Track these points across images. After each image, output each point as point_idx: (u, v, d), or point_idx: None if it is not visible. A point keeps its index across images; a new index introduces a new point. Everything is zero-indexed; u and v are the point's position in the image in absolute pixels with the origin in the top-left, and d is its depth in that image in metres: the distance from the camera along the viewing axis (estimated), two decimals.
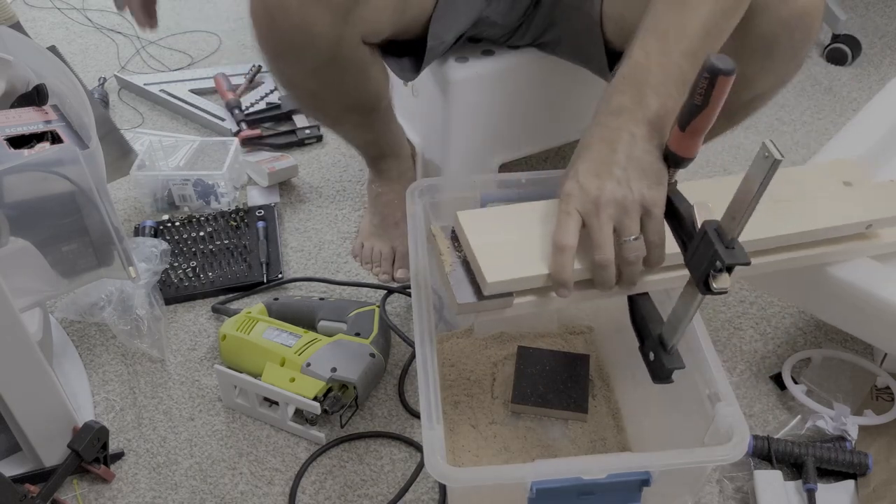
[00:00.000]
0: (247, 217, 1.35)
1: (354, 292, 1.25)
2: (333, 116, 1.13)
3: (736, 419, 0.74)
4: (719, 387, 0.77)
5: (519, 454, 0.99)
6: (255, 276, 1.26)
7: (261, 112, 1.60)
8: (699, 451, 0.75)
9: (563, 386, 1.05)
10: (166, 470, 1.01)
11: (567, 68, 1.24)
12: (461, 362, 1.10)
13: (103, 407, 1.09)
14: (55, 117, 0.97)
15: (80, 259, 0.91)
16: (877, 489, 0.94)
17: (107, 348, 1.16)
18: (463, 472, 0.72)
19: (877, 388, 1.06)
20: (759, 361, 1.12)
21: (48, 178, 0.86)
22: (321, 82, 1.02)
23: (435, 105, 1.25)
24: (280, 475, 1.00)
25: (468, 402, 1.05)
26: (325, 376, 1.02)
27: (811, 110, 1.62)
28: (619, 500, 0.75)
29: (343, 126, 1.17)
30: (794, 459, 0.96)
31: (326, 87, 1.03)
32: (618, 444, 1.00)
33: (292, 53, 0.97)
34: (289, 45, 0.96)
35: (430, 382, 0.77)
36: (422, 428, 0.73)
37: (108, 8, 2.02)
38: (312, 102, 1.10)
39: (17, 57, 1.00)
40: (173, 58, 1.81)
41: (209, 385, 1.11)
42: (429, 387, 0.77)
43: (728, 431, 0.74)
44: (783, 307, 1.20)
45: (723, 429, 0.75)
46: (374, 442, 1.04)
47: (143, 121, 1.63)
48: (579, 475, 0.72)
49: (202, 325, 1.20)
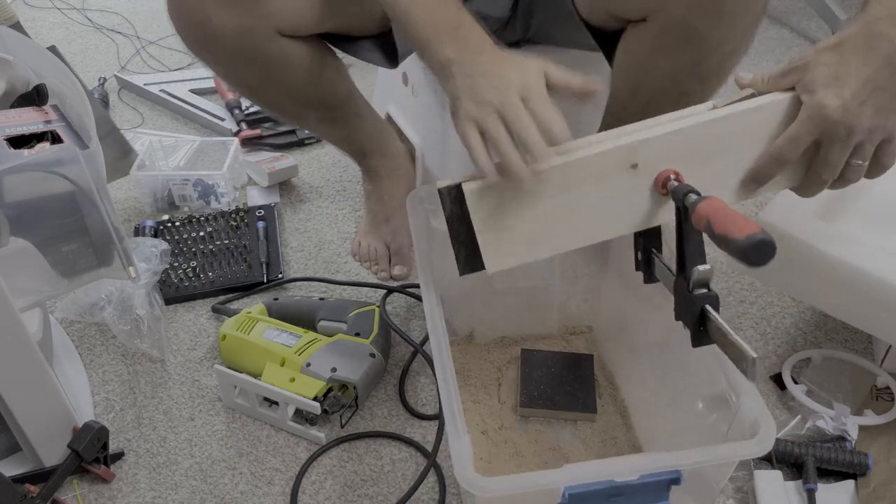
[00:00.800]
0: (247, 217, 1.35)
1: (354, 292, 1.25)
2: (289, 112, 1.14)
3: (761, 413, 0.73)
4: (740, 381, 0.77)
5: (532, 458, 0.99)
6: (255, 276, 1.26)
7: (261, 112, 1.60)
8: (727, 447, 0.75)
9: (570, 387, 1.05)
10: (166, 470, 1.01)
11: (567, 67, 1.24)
12: (465, 368, 1.10)
13: (103, 407, 1.09)
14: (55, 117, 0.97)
15: (80, 259, 0.91)
16: (877, 489, 0.94)
17: (107, 348, 1.17)
18: (495, 482, 0.70)
19: (877, 388, 1.06)
20: (759, 361, 1.12)
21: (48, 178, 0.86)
22: (249, 75, 1.04)
23: (435, 105, 1.25)
24: (280, 475, 1.00)
25: (476, 408, 1.05)
26: (325, 376, 1.02)
27: None
28: (648, 500, 0.75)
29: (306, 122, 1.19)
30: (794, 459, 0.96)
31: (259, 80, 1.05)
32: (628, 442, 1.00)
33: (205, 47, 1.00)
34: (197, 40, 0.99)
35: (451, 393, 0.76)
36: (448, 439, 0.73)
37: (108, 8, 2.03)
38: (254, 96, 1.13)
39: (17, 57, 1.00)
40: (173, 58, 1.82)
41: (209, 385, 1.11)
42: (451, 397, 0.76)
43: (753, 426, 0.73)
44: (783, 307, 1.20)
45: (747, 423, 0.74)
46: (374, 442, 1.04)
47: (143, 121, 1.63)
48: (612, 477, 0.71)
49: (202, 325, 1.20)
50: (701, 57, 0.92)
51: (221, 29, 0.96)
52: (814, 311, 1.19)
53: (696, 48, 0.92)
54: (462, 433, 0.73)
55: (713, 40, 0.91)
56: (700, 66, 0.94)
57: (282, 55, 1.01)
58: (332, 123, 1.15)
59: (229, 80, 1.10)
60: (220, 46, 0.98)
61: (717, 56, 0.94)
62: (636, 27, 0.95)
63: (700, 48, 0.92)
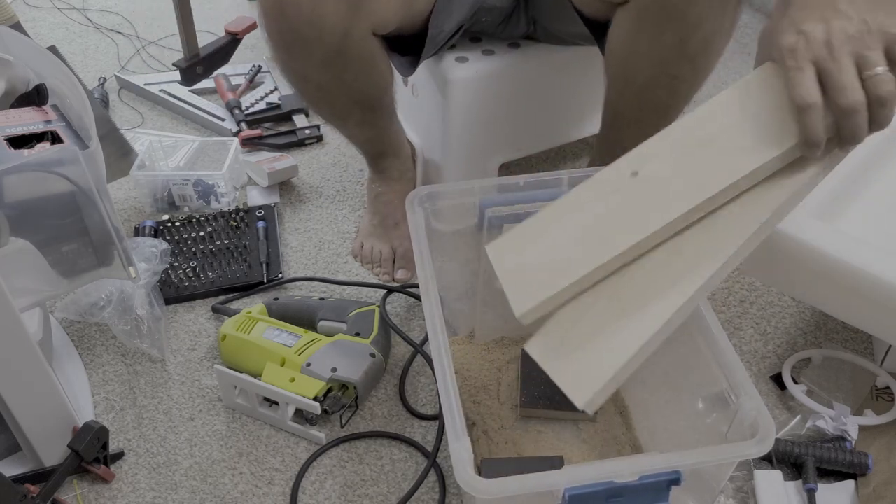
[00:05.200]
0: (247, 217, 1.35)
1: (354, 292, 1.25)
2: (339, 111, 1.13)
3: (760, 413, 0.74)
4: (740, 381, 0.77)
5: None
6: (255, 276, 1.26)
7: (261, 112, 1.60)
8: (726, 447, 0.75)
9: None
10: (166, 470, 1.01)
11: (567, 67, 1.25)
12: (465, 369, 1.10)
13: (103, 407, 1.09)
14: (55, 117, 0.97)
15: (80, 259, 0.91)
16: (877, 489, 0.94)
17: (107, 348, 1.16)
18: (494, 484, 0.70)
19: (877, 388, 1.06)
20: (759, 361, 1.12)
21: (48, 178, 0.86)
22: (329, 75, 1.03)
23: (435, 105, 1.25)
24: (280, 475, 1.00)
25: (476, 409, 1.05)
26: (325, 376, 1.02)
27: None
28: (648, 500, 0.75)
29: (347, 122, 1.17)
30: (794, 459, 0.96)
31: (334, 80, 1.04)
32: (629, 442, 1.00)
33: (302, 46, 0.98)
34: (298, 37, 0.97)
35: (451, 394, 0.76)
36: (448, 439, 0.73)
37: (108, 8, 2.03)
38: (319, 96, 1.11)
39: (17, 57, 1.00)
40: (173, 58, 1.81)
41: (209, 385, 1.11)
42: (450, 398, 0.76)
43: (752, 426, 0.74)
44: (783, 307, 1.20)
45: (746, 423, 0.75)
46: (374, 442, 1.04)
47: (143, 121, 1.63)
48: (612, 478, 0.71)
49: (202, 325, 1.20)
50: (685, 35, 0.94)
51: (329, 28, 0.94)
52: (814, 311, 1.19)
53: (677, 27, 0.93)
54: (462, 433, 0.73)
55: (692, 17, 0.92)
56: (685, 45, 0.95)
57: (369, 55, 1.01)
58: (370, 123, 1.16)
59: (304, 80, 1.06)
60: (322, 45, 0.97)
61: (699, 34, 0.95)
62: (620, 12, 0.97)
63: (681, 26, 0.93)
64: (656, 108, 1.06)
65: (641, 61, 0.99)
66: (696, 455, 0.72)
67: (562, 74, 1.26)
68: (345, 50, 0.98)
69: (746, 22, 1.90)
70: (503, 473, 0.72)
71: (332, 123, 1.21)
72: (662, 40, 0.95)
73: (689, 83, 1.03)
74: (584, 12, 1.06)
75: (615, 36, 1.01)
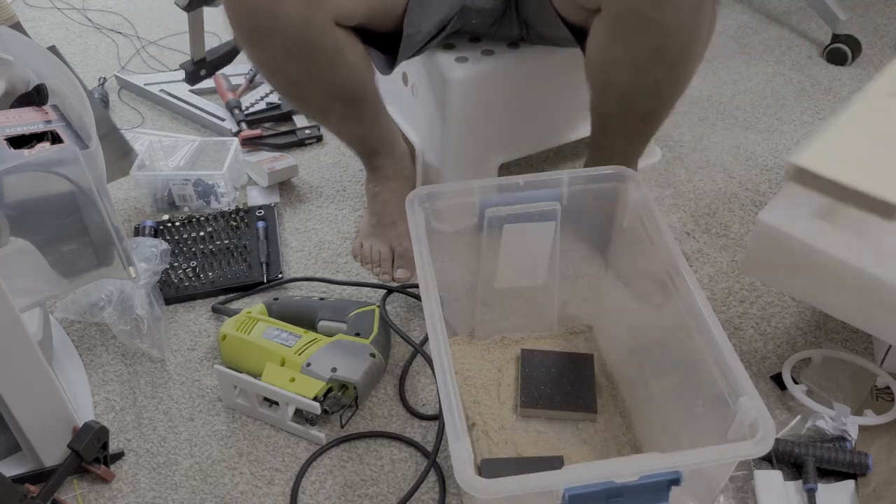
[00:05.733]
0: (247, 217, 1.35)
1: (354, 292, 1.25)
2: (317, 105, 1.14)
3: (760, 413, 0.74)
4: (740, 381, 0.77)
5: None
6: (255, 276, 1.26)
7: (261, 112, 1.60)
8: (726, 447, 0.75)
9: (571, 387, 1.05)
10: (166, 470, 1.01)
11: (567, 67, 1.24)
12: (465, 368, 1.10)
13: (103, 407, 1.09)
14: (55, 117, 0.97)
15: (80, 259, 0.91)
16: (877, 489, 0.94)
17: (107, 348, 1.17)
18: (494, 484, 0.70)
19: (877, 388, 1.06)
20: (759, 361, 1.12)
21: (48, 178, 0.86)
22: (299, 67, 1.03)
23: (434, 105, 1.25)
24: (280, 475, 1.00)
25: (476, 408, 1.05)
26: (325, 376, 1.02)
27: (811, 110, 1.62)
28: (648, 500, 0.74)
29: (329, 117, 1.18)
30: (794, 459, 0.96)
31: (304, 72, 1.04)
32: (629, 442, 1.00)
33: (262, 36, 0.99)
34: (258, 27, 0.98)
35: (451, 394, 0.76)
36: (448, 440, 0.73)
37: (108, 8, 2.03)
38: (292, 89, 1.11)
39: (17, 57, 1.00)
40: (173, 58, 1.81)
41: (209, 385, 1.11)
42: (450, 398, 0.76)
43: (752, 426, 0.73)
44: (783, 307, 1.20)
45: (746, 423, 0.74)
46: (374, 442, 1.04)
47: (143, 121, 1.63)
48: (612, 478, 0.71)
49: (202, 325, 1.20)
50: (661, 43, 0.95)
51: (286, 17, 0.96)
52: (814, 311, 1.19)
53: (652, 35, 0.94)
54: (462, 433, 0.73)
55: (665, 24, 0.93)
56: (662, 52, 0.96)
57: (334, 46, 1.02)
58: (354, 119, 1.16)
59: (274, 73, 1.08)
60: (279, 36, 0.98)
61: (675, 40, 0.96)
62: (596, 20, 0.98)
63: (655, 34, 0.94)
64: (640, 114, 1.07)
65: (619, 68, 0.99)
66: (696, 455, 0.72)
67: (562, 74, 1.26)
68: (305, 40, 0.99)
69: (746, 22, 1.90)
70: (503, 473, 0.72)
71: (314, 118, 1.22)
72: (637, 48, 0.96)
73: (670, 88, 1.04)
74: (567, 18, 1.07)
75: (592, 44, 1.01)
